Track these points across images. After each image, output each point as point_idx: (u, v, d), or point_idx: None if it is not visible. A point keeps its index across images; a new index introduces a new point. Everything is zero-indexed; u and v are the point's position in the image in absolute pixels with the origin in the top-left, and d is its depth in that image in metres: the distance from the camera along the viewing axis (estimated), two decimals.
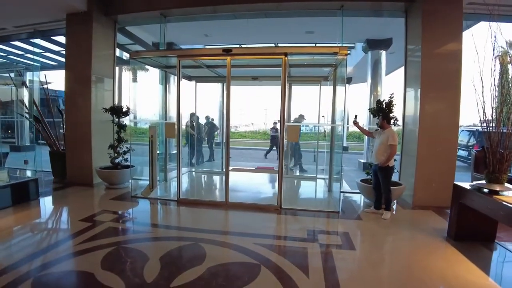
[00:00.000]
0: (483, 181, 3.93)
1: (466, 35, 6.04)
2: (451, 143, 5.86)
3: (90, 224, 4.53)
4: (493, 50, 3.70)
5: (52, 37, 9.25)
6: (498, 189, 3.71)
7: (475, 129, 11.99)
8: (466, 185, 4.16)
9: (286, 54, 5.29)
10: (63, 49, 10.27)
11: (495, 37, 3.70)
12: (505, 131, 3.73)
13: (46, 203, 5.78)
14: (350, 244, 4.12)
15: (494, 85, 3.70)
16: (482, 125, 3.92)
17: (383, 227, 4.84)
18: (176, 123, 5.89)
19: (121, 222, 4.86)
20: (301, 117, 9.14)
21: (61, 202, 5.96)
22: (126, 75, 25.82)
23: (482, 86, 3.76)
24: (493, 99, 3.78)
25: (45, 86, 8.32)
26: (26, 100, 9.51)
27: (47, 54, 10.87)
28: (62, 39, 9.39)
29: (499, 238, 4.24)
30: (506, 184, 3.78)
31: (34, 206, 5.47)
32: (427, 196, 5.82)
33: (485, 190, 3.81)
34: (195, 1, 6.64)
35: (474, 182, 4.11)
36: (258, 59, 6.13)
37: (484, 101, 3.80)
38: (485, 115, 3.82)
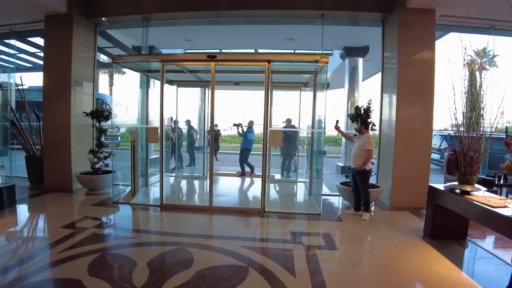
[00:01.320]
0: (456, 183, 4.18)
1: (439, 44, 6.42)
2: (426, 147, 6.16)
3: (72, 231, 4.45)
4: (464, 60, 3.96)
5: (28, 38, 8.99)
6: (469, 190, 3.96)
7: (447, 134, 12.54)
8: (440, 186, 4.41)
9: (269, 61, 5.43)
10: (39, 51, 10.06)
11: (465, 48, 3.96)
12: (474, 135, 4.00)
13: (24, 210, 5.63)
14: (333, 244, 4.27)
15: (464, 93, 3.96)
16: (454, 130, 4.18)
17: (363, 227, 5.03)
18: (159, 127, 5.88)
19: (104, 228, 4.81)
20: (289, 121, 9.25)
21: (40, 209, 5.79)
22: (104, 78, 25.17)
23: (454, 94, 4.02)
24: (463, 105, 4.04)
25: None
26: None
27: (22, 55, 10.57)
28: (38, 40, 9.17)
29: (470, 236, 4.51)
30: (476, 185, 4.05)
31: (11, 213, 5.29)
32: (403, 197, 6.07)
33: (457, 190, 4.05)
34: (178, 7, 6.67)
35: (447, 184, 4.37)
36: (241, 65, 6.24)
37: (456, 108, 4.06)
38: (457, 121, 4.07)
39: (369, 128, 5.60)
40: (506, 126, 3.90)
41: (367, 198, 5.44)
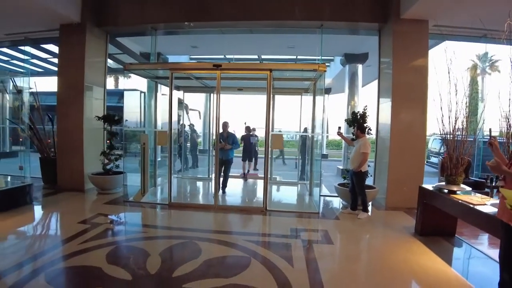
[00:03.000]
0: (443, 183, 4.51)
1: (437, 50, 6.78)
2: (420, 150, 6.48)
3: (89, 226, 4.82)
4: (448, 69, 4.30)
5: (41, 45, 9.43)
6: (455, 189, 4.29)
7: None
8: (429, 187, 4.74)
9: (271, 70, 5.81)
10: (51, 56, 10.51)
11: (450, 59, 4.31)
12: (459, 139, 4.34)
13: (42, 208, 6.01)
14: (329, 239, 4.62)
15: (450, 100, 4.30)
16: (441, 134, 4.52)
17: (358, 225, 5.36)
18: (168, 131, 6.25)
19: (118, 224, 5.19)
20: (305, 129, 9.58)
21: (57, 206, 6.14)
22: (110, 82, 25.85)
23: (441, 100, 4.37)
24: (449, 110, 4.37)
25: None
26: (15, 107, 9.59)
27: (33, 60, 11.01)
28: (49, 46, 9.60)
29: (459, 233, 4.82)
30: (462, 185, 4.37)
31: (30, 210, 5.68)
32: (398, 198, 6.37)
33: (445, 190, 4.38)
34: (184, 18, 7.06)
35: (435, 184, 4.70)
36: (244, 73, 6.64)
37: (442, 114, 4.40)
38: (443, 125, 4.41)
39: (365, 133, 5.93)
40: (489, 128, 4.21)
41: (364, 199, 5.78)
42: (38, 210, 5.81)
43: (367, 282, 3.52)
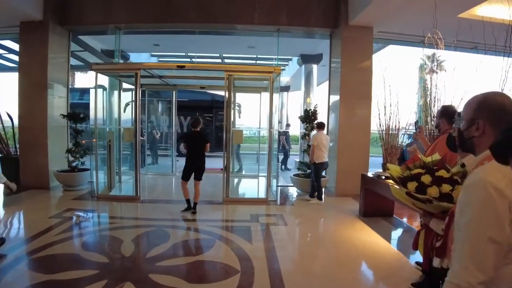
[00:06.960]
0: (381, 170, 5.26)
1: (384, 53, 7.66)
2: (365, 142, 7.26)
3: (60, 220, 5.02)
4: (384, 81, 5.05)
5: None
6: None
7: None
8: (370, 174, 5.48)
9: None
10: (6, 52, 10.27)
11: (385, 68, 5.06)
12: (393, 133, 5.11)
13: (9, 205, 6.01)
14: (284, 221, 5.25)
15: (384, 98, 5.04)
16: (379, 129, 5.27)
17: (310, 209, 6.05)
18: (134, 128, 6.54)
19: (89, 217, 5.47)
20: (288, 126, 10.13)
21: (24, 203, 6.17)
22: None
23: (377, 101, 5.12)
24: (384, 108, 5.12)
25: None
26: None
27: None
28: (5, 42, 9.41)
29: (397, 214, 5.61)
30: None
31: None
32: (347, 186, 7.09)
33: (383, 177, 5.12)
34: (149, 19, 7.34)
35: (374, 172, 5.44)
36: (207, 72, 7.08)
37: (379, 112, 5.15)
38: (380, 121, 5.17)
39: (320, 128, 6.53)
40: (416, 120, 4.97)
41: (318, 187, 6.42)
42: (4, 208, 5.87)
43: (314, 252, 4.21)
